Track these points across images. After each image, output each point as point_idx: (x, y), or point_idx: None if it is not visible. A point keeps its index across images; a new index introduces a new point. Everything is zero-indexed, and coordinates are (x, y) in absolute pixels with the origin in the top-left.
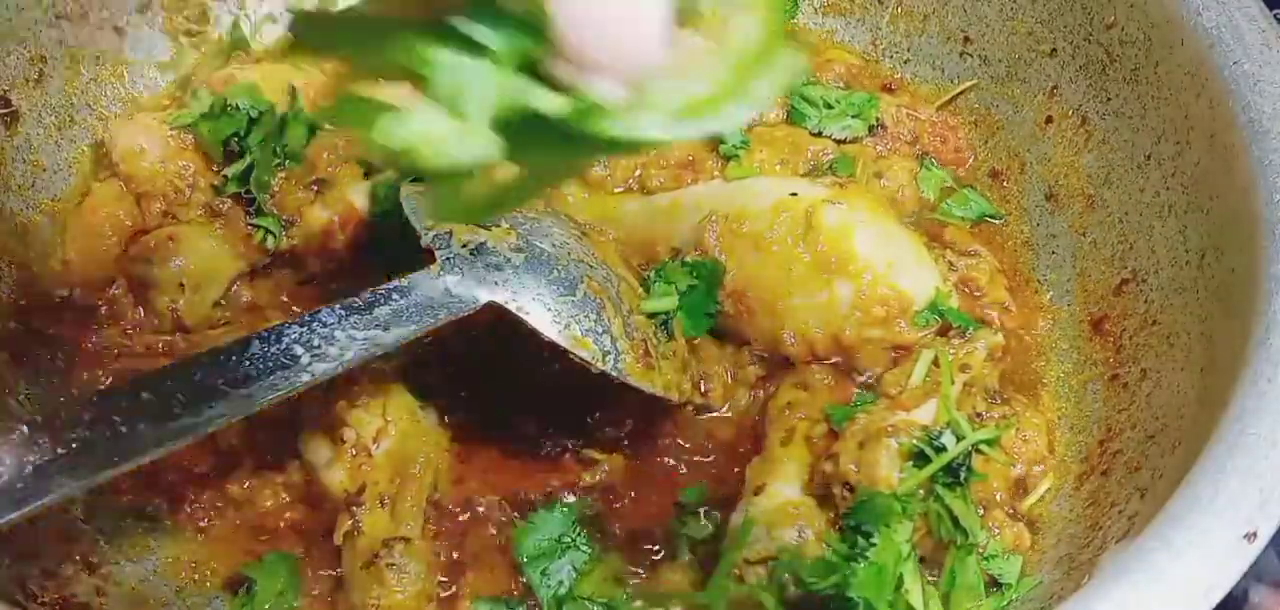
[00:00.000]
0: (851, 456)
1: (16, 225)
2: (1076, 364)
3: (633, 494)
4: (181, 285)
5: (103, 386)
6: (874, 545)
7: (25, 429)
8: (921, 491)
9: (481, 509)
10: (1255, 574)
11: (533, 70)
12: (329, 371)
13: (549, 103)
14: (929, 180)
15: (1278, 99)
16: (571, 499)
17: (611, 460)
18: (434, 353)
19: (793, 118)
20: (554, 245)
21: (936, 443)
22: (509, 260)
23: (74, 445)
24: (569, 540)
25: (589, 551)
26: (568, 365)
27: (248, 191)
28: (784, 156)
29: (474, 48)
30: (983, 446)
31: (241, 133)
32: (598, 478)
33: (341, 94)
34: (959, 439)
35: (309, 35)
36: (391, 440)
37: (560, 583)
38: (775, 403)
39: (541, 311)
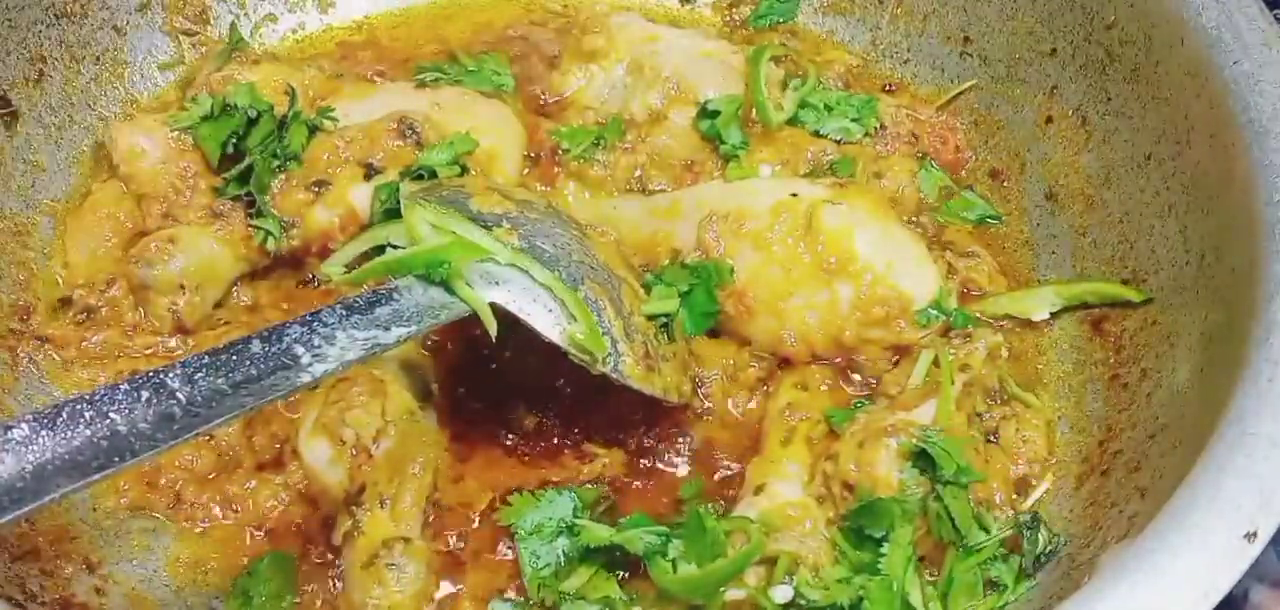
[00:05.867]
0: (851, 456)
1: (16, 225)
2: (1076, 364)
3: (631, 489)
4: (181, 286)
5: (102, 386)
6: (883, 555)
7: (25, 429)
8: (921, 492)
9: (481, 509)
10: (1255, 574)
11: None
12: (329, 371)
13: None
14: (929, 181)
15: (1278, 99)
16: (582, 488)
17: (611, 456)
18: (434, 352)
19: (793, 118)
20: (555, 246)
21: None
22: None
23: (74, 445)
24: (566, 526)
25: (584, 544)
26: (568, 366)
27: (248, 193)
28: (784, 157)
29: None
30: (982, 446)
31: (241, 133)
32: (597, 474)
33: None
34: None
35: None
36: (391, 440)
37: (547, 565)
38: (775, 403)
39: (543, 313)
